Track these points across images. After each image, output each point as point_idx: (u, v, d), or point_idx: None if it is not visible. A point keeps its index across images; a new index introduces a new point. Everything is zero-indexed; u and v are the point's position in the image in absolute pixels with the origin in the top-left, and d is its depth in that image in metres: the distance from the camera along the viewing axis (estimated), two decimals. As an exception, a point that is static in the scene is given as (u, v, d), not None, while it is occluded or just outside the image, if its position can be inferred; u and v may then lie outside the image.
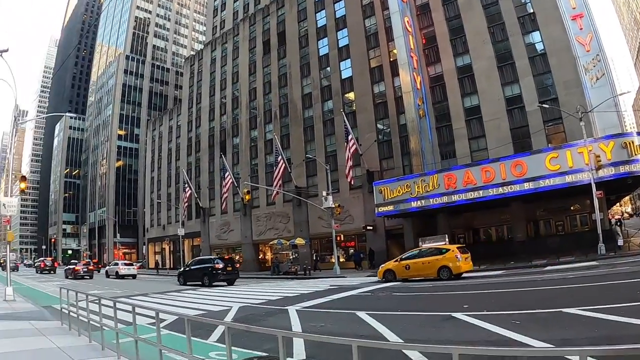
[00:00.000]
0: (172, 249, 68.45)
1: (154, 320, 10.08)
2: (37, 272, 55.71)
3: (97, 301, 9.36)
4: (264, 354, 7.79)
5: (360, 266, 37.87)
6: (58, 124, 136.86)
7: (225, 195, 48.54)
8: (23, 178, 22.74)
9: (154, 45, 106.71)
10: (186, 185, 54.79)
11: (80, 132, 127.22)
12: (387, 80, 39.29)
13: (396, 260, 23.72)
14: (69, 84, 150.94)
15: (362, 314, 11.68)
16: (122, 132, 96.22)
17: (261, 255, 51.91)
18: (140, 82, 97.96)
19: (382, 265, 24.59)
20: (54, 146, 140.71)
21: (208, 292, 22.46)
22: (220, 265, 27.86)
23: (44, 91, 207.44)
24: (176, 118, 71.96)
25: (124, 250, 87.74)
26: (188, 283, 29.24)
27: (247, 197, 39.34)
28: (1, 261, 62.94)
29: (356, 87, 42.05)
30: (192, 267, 30.69)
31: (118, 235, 76.65)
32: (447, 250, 21.81)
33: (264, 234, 49.01)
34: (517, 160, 27.98)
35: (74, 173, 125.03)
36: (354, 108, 41.95)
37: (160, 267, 63.11)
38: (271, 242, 42.37)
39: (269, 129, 50.52)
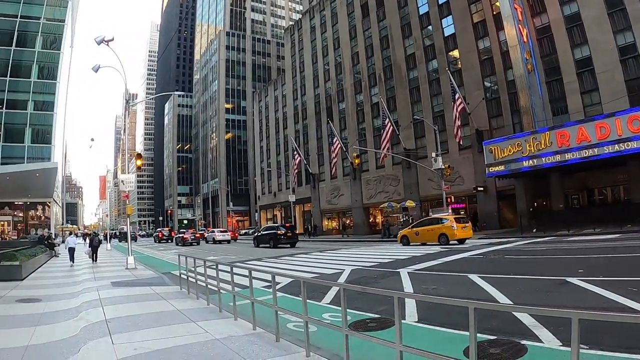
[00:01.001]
0: (283, 215, 72.34)
1: (267, 284, 11.53)
2: (155, 242, 60.69)
3: (214, 266, 10.06)
4: (377, 316, 8.14)
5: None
6: (167, 103, 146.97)
7: (334, 161, 50.42)
8: (139, 156, 24.65)
9: (252, 20, 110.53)
10: (295, 152, 57.52)
11: (188, 108, 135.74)
12: (492, 35, 38.64)
13: (409, 228, 29.03)
14: (174, 64, 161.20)
15: (474, 277, 11.76)
16: (229, 106, 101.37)
17: (371, 219, 53.32)
18: (243, 56, 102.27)
19: (401, 231, 30.03)
20: (165, 124, 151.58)
21: (320, 256, 23.43)
22: (282, 232, 34.62)
23: (150, 74, 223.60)
24: (281, 88, 75.14)
25: (237, 218, 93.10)
26: (260, 245, 36.19)
27: (356, 161, 40.87)
28: (118, 233, 69.29)
29: (460, 44, 41.75)
30: (263, 233, 37.84)
31: (231, 204, 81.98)
32: (446, 220, 26.21)
33: (374, 197, 50.40)
34: (634, 114, 25.97)
35: (185, 148, 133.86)
36: (459, 66, 41.71)
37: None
38: (381, 205, 43.63)
39: (374, 93, 51.51)
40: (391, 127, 40.57)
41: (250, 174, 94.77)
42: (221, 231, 52.99)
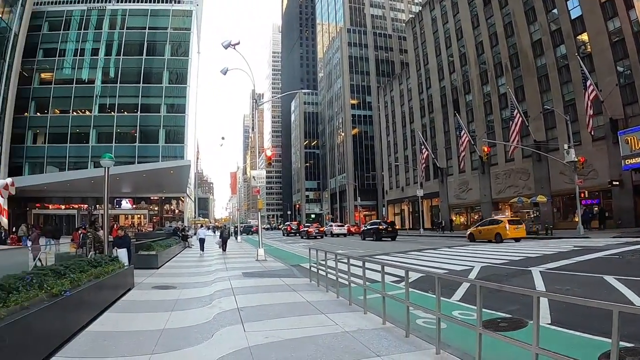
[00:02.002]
0: (411, 210, 73.21)
1: (396, 278, 12.15)
2: (283, 235, 63.44)
3: (344, 260, 10.31)
4: (508, 315, 8.07)
5: (589, 226, 36.34)
6: (293, 101, 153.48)
7: (462, 154, 50.36)
8: (268, 153, 27.42)
9: (372, 15, 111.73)
10: (422, 146, 58.29)
11: (314, 106, 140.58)
12: (622, 14, 36.34)
13: (474, 227, 34.49)
14: (298, 63, 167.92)
15: (609, 279, 11.33)
16: (354, 102, 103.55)
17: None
18: (365, 52, 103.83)
19: (469, 230, 35.63)
20: (292, 121, 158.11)
21: (448, 252, 23.44)
22: (383, 227, 41.12)
23: (275, 74, 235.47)
24: (405, 82, 76.02)
25: (364, 212, 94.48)
26: (366, 238, 42.46)
27: (484, 154, 40.74)
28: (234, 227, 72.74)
29: (588, 27, 39.89)
30: (368, 228, 44.43)
31: (358, 198, 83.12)
32: (500, 222, 30.84)
33: (503, 192, 49.77)
34: None
35: (312, 144, 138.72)
36: (589, 50, 39.89)
37: (398, 228, 68.22)
38: (511, 201, 42.75)
39: (501, 83, 50.79)
40: (520, 118, 39.69)
41: (378, 168, 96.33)
42: (338, 225, 59.20)
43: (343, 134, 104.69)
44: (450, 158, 60.89)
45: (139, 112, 62.34)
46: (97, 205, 57.47)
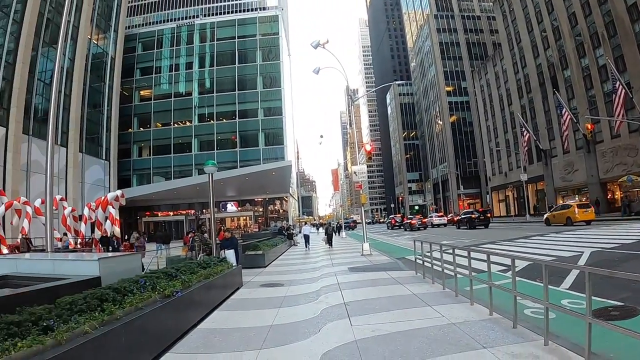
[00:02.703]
0: (515, 196, 70.93)
1: (502, 267, 12.14)
2: (387, 228, 63.77)
3: (449, 251, 10.33)
4: (619, 304, 7.71)
5: None
6: (388, 93, 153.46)
7: (565, 134, 48.74)
8: (367, 147, 27.22)
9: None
10: (523, 128, 56.25)
11: (409, 96, 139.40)
12: None
13: (550, 212, 37.95)
14: (388, 55, 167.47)
15: None
16: (449, 89, 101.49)
17: (609, 195, 49.65)
18: (455, 36, 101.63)
19: (545, 214, 39.03)
20: (389, 114, 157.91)
21: (556, 238, 22.72)
22: (476, 215, 43.24)
23: (367, 68, 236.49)
24: (500, 63, 73.87)
25: (468, 200, 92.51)
26: (461, 227, 44.39)
27: (588, 131, 38.98)
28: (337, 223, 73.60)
29: None
30: (461, 217, 46.64)
31: (461, 187, 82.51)
32: (570, 206, 34.02)
33: (611, 170, 46.99)
34: None
35: (411, 135, 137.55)
36: None
37: (503, 215, 67.18)
38: (620, 179, 41.14)
39: (599, 54, 48.00)
40: (623, 90, 37.67)
41: (479, 155, 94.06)
42: (438, 216, 59.03)
43: (441, 122, 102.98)
44: (553, 139, 58.53)
45: (237, 118, 65.40)
46: (204, 210, 60.26)
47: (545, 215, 38.55)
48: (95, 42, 57.44)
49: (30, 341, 4.60)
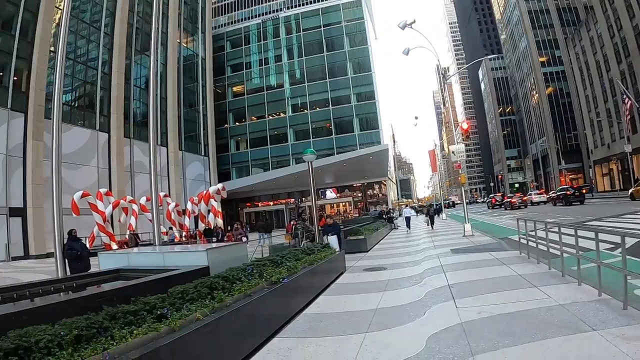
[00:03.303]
0: (620, 169, 65.96)
1: (610, 245, 11.54)
2: (488, 208, 61.98)
3: (554, 229, 9.99)
4: None
5: None
6: (480, 69, 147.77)
7: None
8: (464, 126, 27.06)
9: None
10: (624, 95, 52.53)
11: (501, 70, 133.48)
12: None
13: (634, 187, 37.65)
14: (476, 30, 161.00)
15: None
16: (543, 59, 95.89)
17: None
18: (544, 3, 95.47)
19: (630, 190, 38.89)
20: (482, 90, 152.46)
21: None
22: (570, 192, 43.23)
23: (456, 45, 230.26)
24: (594, 27, 68.71)
25: (570, 176, 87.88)
26: (557, 204, 44.23)
27: None
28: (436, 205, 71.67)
29: None
30: (557, 193, 47.09)
31: (562, 162, 78.45)
32: None
33: None
34: None
35: (507, 110, 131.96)
36: None
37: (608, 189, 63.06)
38: None
39: None
40: None
41: (579, 127, 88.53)
42: (537, 193, 58.55)
43: (537, 95, 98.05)
44: (658, 104, 53.72)
45: (330, 106, 65.56)
46: (303, 198, 61.68)
47: (630, 190, 38.02)
48: (185, 45, 59.72)
49: (146, 329, 4.81)
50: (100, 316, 4.77)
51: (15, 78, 34.99)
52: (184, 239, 29.20)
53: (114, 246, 24.58)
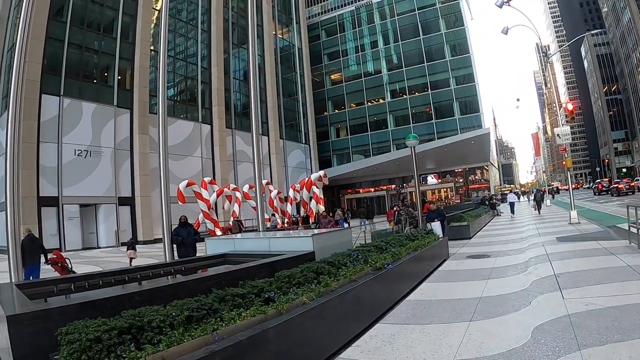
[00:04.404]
0: None
1: None
2: (594, 194, 57.53)
3: None
4: None
5: None
6: (582, 46, 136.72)
7: None
8: (569, 107, 25.02)
9: None
10: None
11: (605, 46, 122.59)
12: None
13: None
14: (576, 4, 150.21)
15: None
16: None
17: None
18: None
19: None
20: (585, 68, 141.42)
21: None
22: None
23: (555, 21, 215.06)
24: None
25: None
26: None
27: None
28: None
29: None
30: None
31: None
32: None
33: None
34: None
35: (612, 89, 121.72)
36: None
37: None
38: None
39: None
40: None
41: None
42: None
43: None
44: None
45: (429, 90, 62.52)
46: (404, 184, 60.60)
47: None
48: (281, 37, 59.55)
49: (254, 311, 4.80)
50: (210, 298, 4.87)
51: (119, 77, 36.17)
52: (285, 225, 29.07)
53: (218, 232, 25.45)
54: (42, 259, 12.65)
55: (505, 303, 7.36)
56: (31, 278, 11.39)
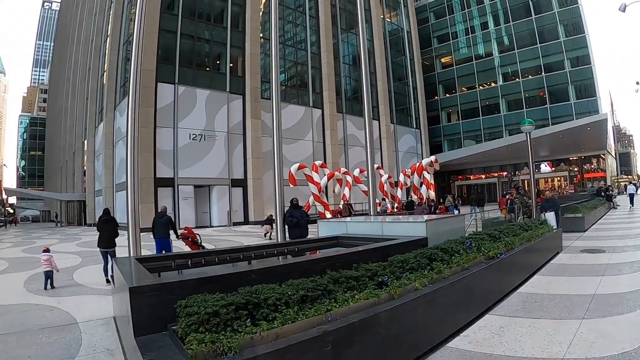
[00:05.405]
0: None
1: None
2: None
3: None
4: None
5: None
6: None
7: None
8: None
9: None
10: None
11: None
12: None
13: None
14: None
15: None
16: None
17: None
18: None
19: None
20: None
21: None
22: None
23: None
24: None
25: None
26: None
27: None
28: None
29: None
30: None
31: None
32: None
33: None
34: None
35: None
36: None
37: None
38: None
39: None
40: None
41: None
42: None
43: None
44: None
45: (542, 73, 57.82)
46: (516, 172, 56.63)
47: None
48: (389, 20, 58.14)
49: (367, 294, 4.73)
50: (324, 279, 4.88)
51: (231, 64, 36.91)
52: (395, 210, 28.74)
53: (328, 215, 25.21)
54: (173, 235, 12.80)
55: (620, 302, 6.82)
56: (163, 251, 11.95)
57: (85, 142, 49.19)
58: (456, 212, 26.80)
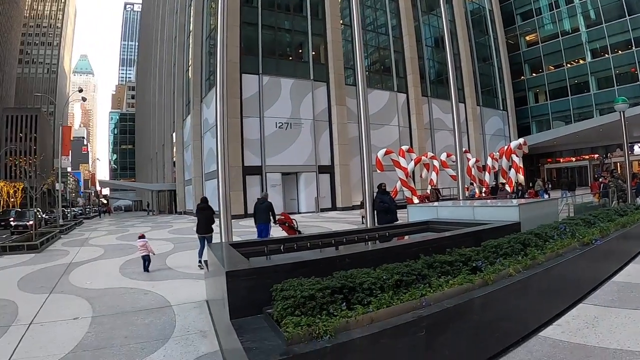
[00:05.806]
0: None
1: None
2: None
3: None
4: None
5: None
6: None
7: None
8: None
9: None
10: None
11: None
12: None
13: None
14: None
15: None
16: None
17: None
18: None
19: None
20: None
21: None
22: None
23: None
24: None
25: None
26: None
27: None
28: None
29: None
30: None
31: None
32: None
33: None
34: None
35: None
36: None
37: None
38: None
39: None
40: None
41: None
42: None
43: None
44: None
45: (633, 47, 52.99)
46: (608, 154, 52.54)
47: None
48: (470, 0, 55.96)
49: (461, 279, 4.64)
50: (418, 264, 4.83)
51: (313, 53, 36.83)
52: (483, 194, 27.77)
53: (416, 200, 24.81)
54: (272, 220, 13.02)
55: None
56: (262, 235, 12.43)
57: (174, 134, 50.52)
58: (546, 196, 25.56)
